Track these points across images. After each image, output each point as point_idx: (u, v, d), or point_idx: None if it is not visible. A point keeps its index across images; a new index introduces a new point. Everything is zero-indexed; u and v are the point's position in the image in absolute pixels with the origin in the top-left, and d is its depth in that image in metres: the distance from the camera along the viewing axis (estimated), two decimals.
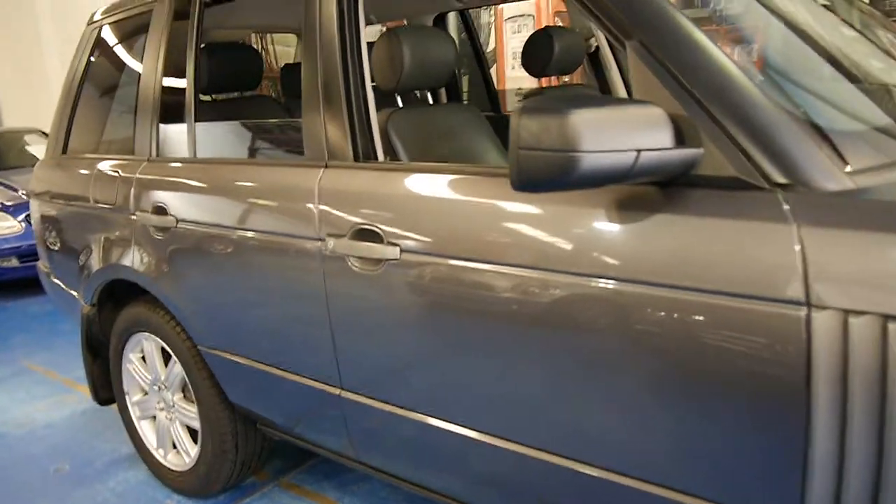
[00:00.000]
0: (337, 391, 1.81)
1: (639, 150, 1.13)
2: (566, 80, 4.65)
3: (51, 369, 3.94)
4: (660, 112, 1.16)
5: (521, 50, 2.66)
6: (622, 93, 2.87)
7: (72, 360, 4.06)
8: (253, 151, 2.22)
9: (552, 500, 1.47)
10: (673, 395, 1.22)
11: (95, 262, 2.52)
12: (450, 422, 1.59)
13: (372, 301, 1.64)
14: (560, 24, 4.49)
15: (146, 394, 2.62)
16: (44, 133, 7.24)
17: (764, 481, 1.17)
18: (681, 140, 1.19)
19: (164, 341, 2.37)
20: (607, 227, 1.27)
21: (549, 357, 1.36)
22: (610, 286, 1.25)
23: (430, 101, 2.58)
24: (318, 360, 1.83)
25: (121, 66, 2.69)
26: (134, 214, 2.30)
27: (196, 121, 2.17)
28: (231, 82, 2.55)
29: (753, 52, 3.74)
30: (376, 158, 1.74)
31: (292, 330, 1.88)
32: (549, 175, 1.14)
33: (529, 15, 4.70)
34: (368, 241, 1.61)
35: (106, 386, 2.81)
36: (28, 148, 7.02)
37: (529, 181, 1.16)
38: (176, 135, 2.27)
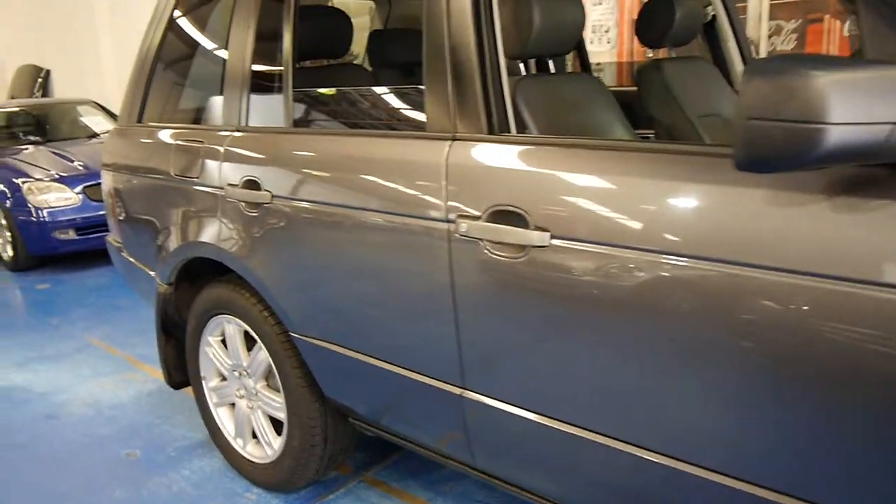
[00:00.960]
0: (458, 391, 1.63)
1: (894, 124, 0.93)
2: (650, 54, 4.39)
3: (113, 345, 3.84)
4: None
5: (601, 23, 2.45)
6: (739, 67, 2.62)
7: (133, 336, 3.96)
8: (359, 122, 2.03)
9: None
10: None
11: (175, 239, 2.37)
12: (594, 432, 1.40)
13: (511, 291, 1.45)
14: None
15: (225, 380, 2.47)
16: (98, 104, 7.17)
17: None
18: None
19: (249, 325, 2.21)
20: (827, 215, 1.05)
21: (750, 368, 1.15)
22: (834, 287, 1.04)
23: (552, 70, 2.36)
24: (437, 354, 1.65)
25: (204, 29, 2.52)
26: (221, 188, 2.13)
27: (295, 88, 1.99)
28: (324, 49, 2.36)
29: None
30: (509, 131, 1.54)
31: (407, 320, 1.70)
32: (787, 152, 0.94)
33: None
34: (510, 225, 1.42)
35: (180, 369, 2.67)
36: (82, 119, 6.94)
37: (760, 159, 0.96)
38: (269, 103, 2.09)
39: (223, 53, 2.27)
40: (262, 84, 2.12)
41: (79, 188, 5.43)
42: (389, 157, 1.68)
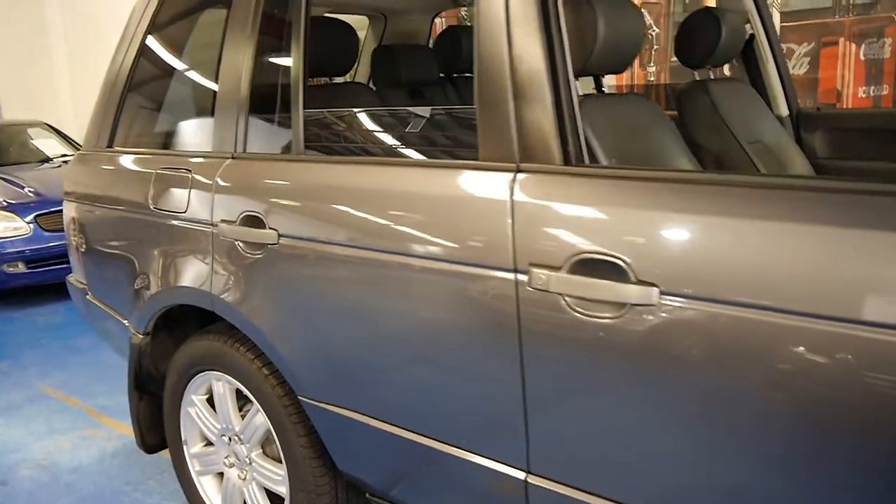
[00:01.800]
0: (521, 475, 1.34)
1: None
2: (651, 77, 4.21)
3: (70, 395, 3.43)
4: None
5: None
6: (778, 91, 2.42)
7: (91, 384, 3.56)
8: (387, 149, 1.74)
9: None
10: None
11: (154, 283, 2.04)
12: None
13: (602, 359, 1.17)
14: (646, 13, 4.05)
15: (210, 445, 2.13)
16: (50, 126, 6.72)
17: None
18: None
19: (245, 385, 1.89)
20: None
21: None
22: None
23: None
24: (494, 431, 1.36)
25: (186, 45, 2.21)
26: (213, 225, 1.82)
27: (305, 109, 1.69)
28: (331, 65, 2.07)
29: (885, 47, 3.17)
30: (584, 161, 1.28)
31: (456, 389, 1.40)
32: None
33: None
34: (603, 278, 1.14)
35: (154, 430, 2.31)
36: (33, 142, 6.48)
37: None
38: (272, 126, 1.79)
39: (213, 71, 1.96)
40: (263, 105, 1.82)
41: (30, 217, 4.99)
42: (432, 191, 1.40)
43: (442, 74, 2.79)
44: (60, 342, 4.23)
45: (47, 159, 6.18)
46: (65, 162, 6.13)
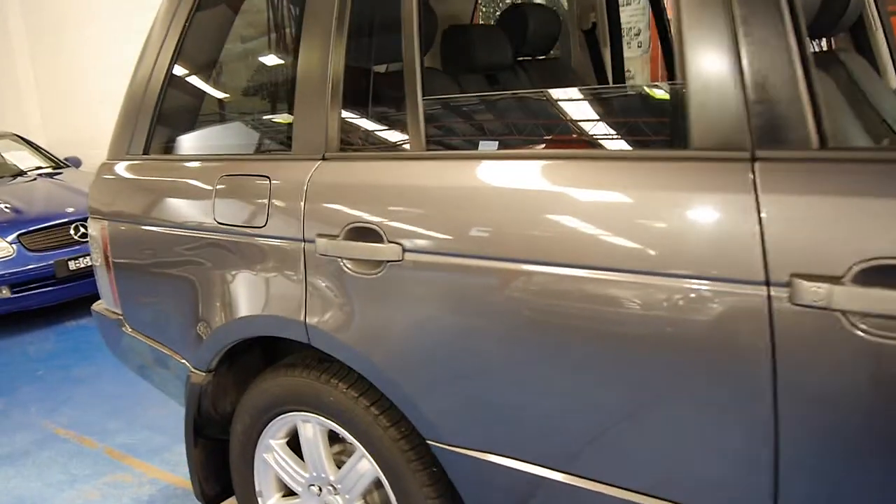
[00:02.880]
0: None
1: None
2: None
3: (84, 434, 3.07)
4: None
5: (630, 25, 2.00)
6: (888, 62, 2.21)
7: (104, 419, 3.21)
8: (545, 139, 1.46)
9: None
10: None
11: (222, 313, 1.73)
12: None
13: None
14: None
15: (290, 495, 1.84)
16: (19, 137, 6.25)
17: None
18: None
19: (345, 427, 1.60)
20: None
21: None
22: None
23: None
24: (725, 480, 1.10)
25: (245, 24, 1.90)
26: (306, 241, 1.53)
27: (425, 97, 1.41)
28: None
29: None
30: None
31: (670, 431, 1.14)
32: None
33: None
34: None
35: (213, 478, 2.01)
36: (3, 155, 6.01)
37: None
38: (371, 120, 1.51)
39: (282, 58, 1.67)
40: (359, 95, 1.53)
41: (12, 236, 4.58)
42: (624, 187, 1.13)
43: None
44: (59, 373, 3.85)
45: (21, 173, 5.73)
46: (41, 175, 5.70)
